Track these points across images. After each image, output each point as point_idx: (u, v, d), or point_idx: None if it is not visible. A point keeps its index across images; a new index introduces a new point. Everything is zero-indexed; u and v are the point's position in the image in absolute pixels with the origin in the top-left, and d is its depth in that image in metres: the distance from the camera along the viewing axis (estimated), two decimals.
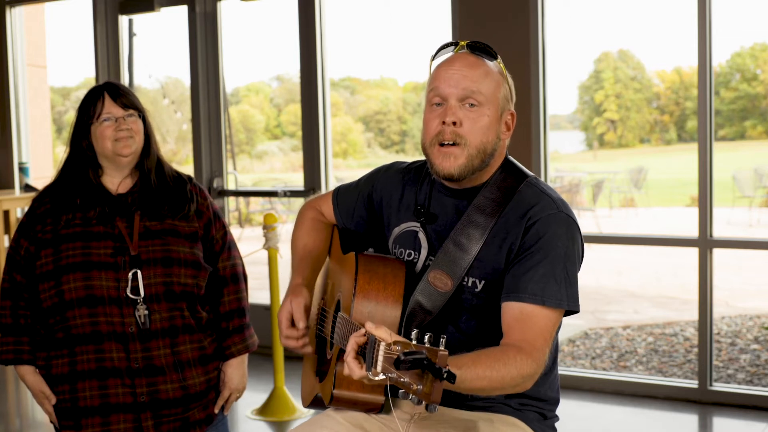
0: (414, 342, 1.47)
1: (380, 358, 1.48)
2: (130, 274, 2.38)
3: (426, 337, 1.48)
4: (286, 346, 2.05)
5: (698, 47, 4.01)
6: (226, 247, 2.59)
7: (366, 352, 1.55)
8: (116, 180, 2.51)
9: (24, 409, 4.49)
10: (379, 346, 1.49)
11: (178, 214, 2.49)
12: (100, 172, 2.50)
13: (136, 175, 2.52)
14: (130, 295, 2.38)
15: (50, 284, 2.40)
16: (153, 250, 2.42)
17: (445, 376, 1.41)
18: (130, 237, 2.42)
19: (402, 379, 1.45)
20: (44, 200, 2.49)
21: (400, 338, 1.53)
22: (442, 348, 1.45)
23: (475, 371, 1.63)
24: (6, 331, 2.48)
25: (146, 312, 2.38)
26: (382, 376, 1.48)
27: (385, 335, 1.52)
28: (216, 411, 2.58)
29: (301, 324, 2.01)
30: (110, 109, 2.44)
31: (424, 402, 1.44)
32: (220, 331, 2.57)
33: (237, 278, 2.60)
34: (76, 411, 2.40)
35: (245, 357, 2.61)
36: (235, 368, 2.59)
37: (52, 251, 2.40)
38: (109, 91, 2.46)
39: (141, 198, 2.48)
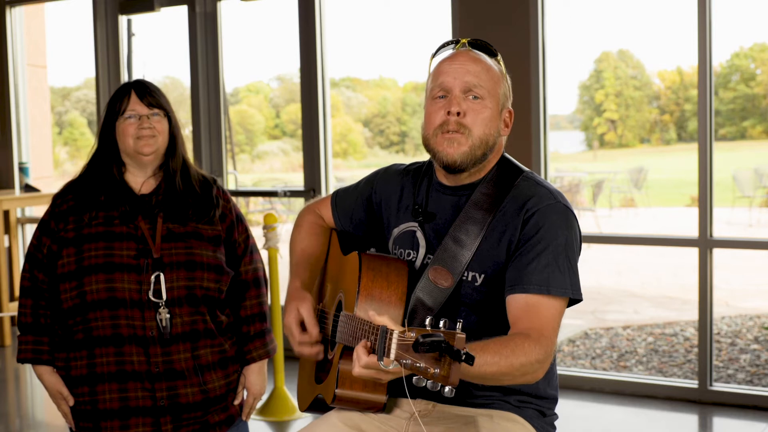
0: (429, 328, 1.48)
1: (394, 346, 1.48)
2: (152, 277, 2.37)
3: (441, 322, 1.48)
4: (300, 353, 2.04)
5: (698, 47, 4.01)
6: (249, 250, 2.57)
7: (377, 344, 1.54)
8: (139, 179, 2.49)
9: (24, 409, 4.49)
10: (392, 335, 1.49)
11: (203, 219, 2.48)
12: (123, 169, 2.49)
13: (160, 176, 2.50)
14: (152, 299, 2.36)
15: (72, 285, 2.37)
16: (176, 254, 2.40)
17: (463, 357, 1.42)
18: (153, 239, 2.40)
19: (418, 364, 1.45)
20: (67, 197, 2.47)
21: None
22: (459, 331, 1.46)
23: (484, 357, 1.63)
24: (26, 330, 2.46)
25: (168, 316, 2.36)
26: (395, 365, 1.48)
27: (399, 326, 1.53)
28: (245, 419, 2.57)
29: (314, 330, 2.01)
30: (134, 106, 2.43)
31: (441, 385, 1.45)
32: (242, 336, 2.55)
33: (259, 283, 2.58)
34: (96, 413, 2.38)
35: (265, 362, 2.60)
36: (257, 374, 2.57)
37: (75, 251, 2.38)
38: (137, 89, 2.45)
39: (165, 200, 2.46)
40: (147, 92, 2.46)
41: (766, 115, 18.98)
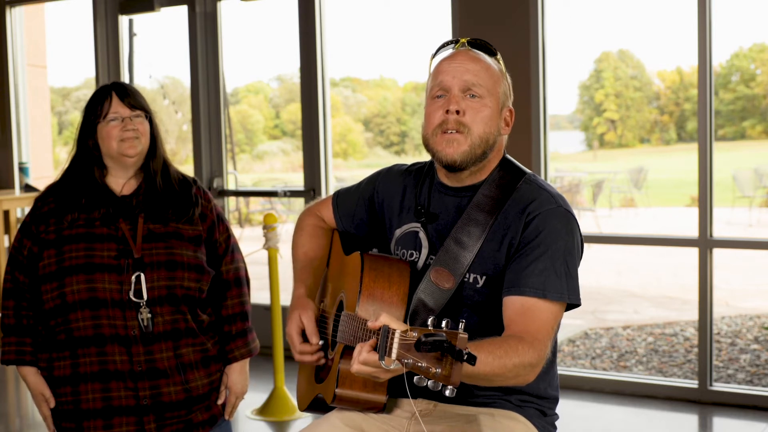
0: (431, 328, 1.49)
1: (395, 346, 1.48)
2: (133, 277, 2.38)
3: (443, 322, 1.49)
4: (301, 361, 2.06)
5: (698, 47, 4.01)
6: (230, 250, 2.58)
7: (378, 343, 1.55)
8: (121, 181, 2.50)
9: (24, 409, 4.49)
10: (393, 334, 1.49)
11: (183, 218, 2.48)
12: (105, 172, 2.49)
13: (140, 177, 2.51)
14: (133, 298, 2.37)
15: (53, 285, 2.39)
16: (156, 254, 2.41)
17: (465, 357, 1.42)
18: (134, 239, 2.41)
19: (419, 364, 1.45)
20: (48, 199, 2.48)
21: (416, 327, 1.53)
22: (461, 331, 1.46)
23: (478, 356, 1.63)
24: (8, 331, 2.47)
25: (149, 315, 2.37)
26: (395, 364, 1.49)
27: (401, 325, 1.53)
28: (228, 418, 2.58)
29: (314, 339, 2.03)
30: (117, 108, 2.44)
31: (442, 385, 1.45)
32: (223, 335, 2.56)
33: (240, 282, 2.59)
34: (79, 413, 2.39)
35: (247, 361, 2.61)
36: (239, 373, 2.58)
37: (55, 252, 2.39)
38: (117, 91, 2.45)
39: (145, 201, 2.47)
40: (127, 94, 2.46)
41: (766, 115, 18.98)
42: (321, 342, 2.06)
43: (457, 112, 1.92)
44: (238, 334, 2.57)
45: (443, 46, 2.05)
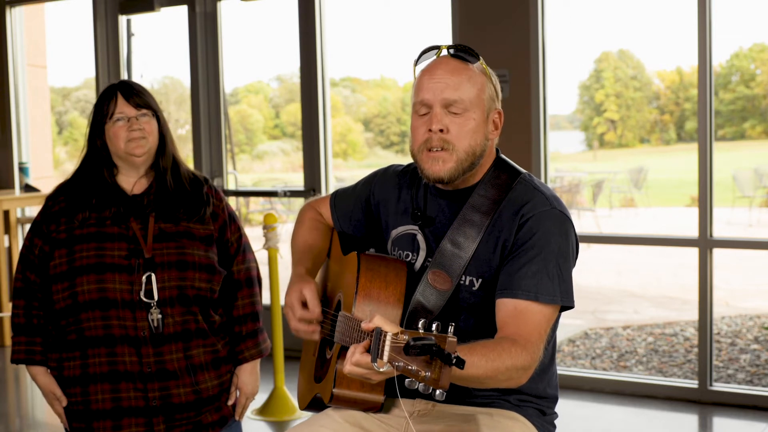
0: (422, 331, 1.49)
1: (387, 348, 1.48)
2: (143, 277, 2.36)
3: (434, 326, 1.49)
4: (297, 329, 2.01)
5: (698, 47, 4.01)
6: (241, 250, 2.56)
7: (371, 345, 1.55)
8: (131, 180, 2.48)
9: (24, 409, 4.49)
10: (385, 336, 1.50)
11: (194, 218, 2.47)
12: (115, 171, 2.48)
13: (151, 175, 2.50)
14: (144, 299, 2.36)
15: (63, 285, 2.38)
16: (167, 253, 2.40)
17: (454, 361, 1.43)
18: (144, 239, 2.40)
19: (410, 367, 1.46)
20: (59, 198, 2.47)
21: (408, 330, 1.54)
22: (450, 335, 1.46)
23: (471, 359, 1.63)
24: (19, 330, 2.46)
25: (159, 316, 2.36)
26: (387, 367, 1.49)
27: (393, 327, 1.53)
28: (238, 419, 2.57)
29: (317, 309, 1.99)
30: (123, 108, 2.42)
31: (432, 388, 1.45)
32: (234, 335, 2.55)
33: (251, 282, 2.58)
34: (88, 414, 2.38)
35: (258, 361, 2.60)
36: (249, 373, 2.57)
37: (66, 252, 2.38)
38: (122, 91, 2.44)
39: (156, 200, 2.46)
40: (133, 93, 2.44)
41: (766, 116, 18.97)
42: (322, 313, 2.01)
43: (441, 130, 1.90)
44: (248, 334, 2.55)
45: (424, 52, 2.01)
